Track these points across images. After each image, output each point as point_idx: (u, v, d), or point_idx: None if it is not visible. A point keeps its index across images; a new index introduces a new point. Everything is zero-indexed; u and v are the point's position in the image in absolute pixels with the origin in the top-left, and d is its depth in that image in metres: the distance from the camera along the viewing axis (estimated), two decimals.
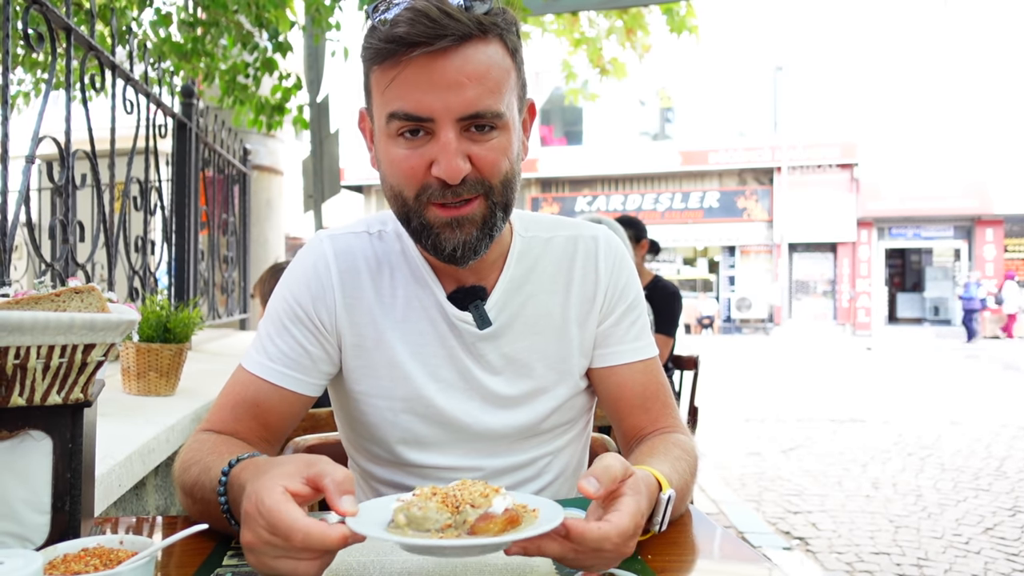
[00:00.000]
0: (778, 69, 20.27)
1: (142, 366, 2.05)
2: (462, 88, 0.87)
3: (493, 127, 0.91)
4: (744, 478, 4.96)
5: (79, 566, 0.67)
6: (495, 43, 0.91)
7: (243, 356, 1.06)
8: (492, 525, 0.66)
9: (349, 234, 1.08)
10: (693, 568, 0.84)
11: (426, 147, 0.90)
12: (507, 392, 1.06)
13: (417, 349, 1.05)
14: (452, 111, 0.88)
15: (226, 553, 0.83)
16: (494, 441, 1.07)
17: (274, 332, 1.05)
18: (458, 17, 0.85)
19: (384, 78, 0.89)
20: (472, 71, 0.87)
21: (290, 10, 4.29)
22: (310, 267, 1.06)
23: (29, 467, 0.77)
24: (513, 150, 0.95)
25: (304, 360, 1.04)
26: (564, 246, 1.11)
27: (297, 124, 4.83)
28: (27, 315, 0.72)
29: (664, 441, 1.02)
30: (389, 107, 0.90)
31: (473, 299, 1.03)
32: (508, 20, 0.92)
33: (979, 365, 12.68)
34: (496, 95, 0.90)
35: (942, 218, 19.87)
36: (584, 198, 21.18)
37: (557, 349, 1.08)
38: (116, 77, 2.29)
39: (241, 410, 1.02)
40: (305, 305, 1.04)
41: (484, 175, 0.92)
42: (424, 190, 0.92)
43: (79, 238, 2.04)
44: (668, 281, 3.79)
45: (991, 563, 3.35)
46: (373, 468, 1.11)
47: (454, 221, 0.92)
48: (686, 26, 5.60)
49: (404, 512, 0.68)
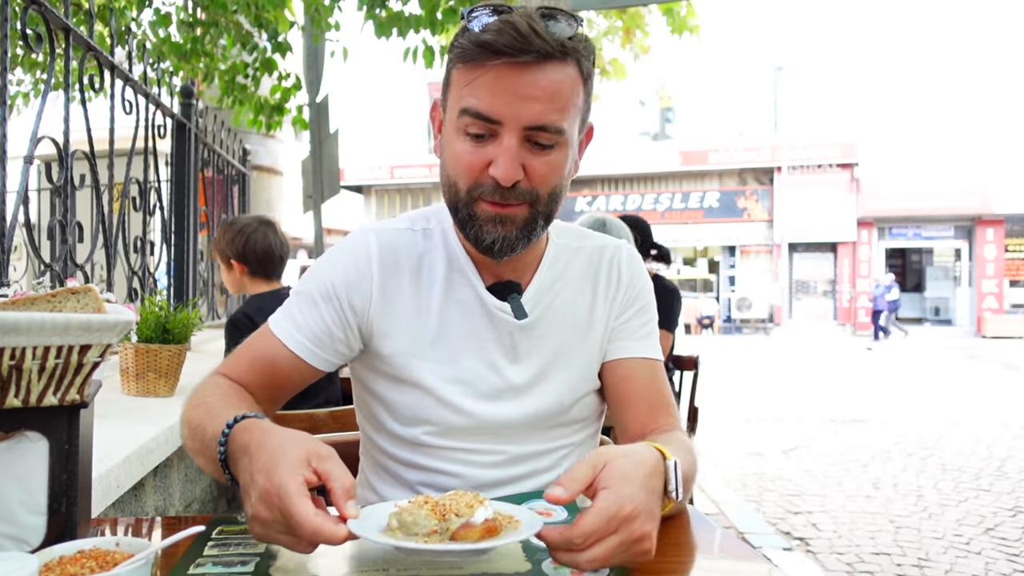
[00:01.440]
0: (778, 69, 20.27)
1: (141, 367, 2.05)
2: (533, 100, 0.94)
3: (553, 144, 0.98)
4: (744, 478, 4.96)
5: (75, 568, 0.67)
6: (572, 66, 0.97)
7: (271, 317, 1.13)
8: (471, 533, 0.74)
9: (393, 229, 1.14)
10: (693, 568, 0.84)
11: (488, 147, 0.97)
12: (534, 383, 1.12)
13: (450, 339, 1.10)
14: (519, 119, 0.94)
15: (206, 544, 0.85)
16: (516, 428, 1.11)
17: (305, 305, 1.11)
18: (543, 36, 0.93)
19: (465, 76, 0.97)
20: (545, 87, 0.94)
21: (289, 10, 4.30)
22: (351, 256, 1.12)
23: (25, 469, 0.77)
24: (566, 167, 1.02)
25: (324, 337, 1.10)
26: (591, 254, 1.19)
27: (297, 124, 4.84)
28: (23, 316, 0.72)
29: (664, 435, 1.07)
30: (463, 103, 0.97)
31: (510, 292, 1.10)
32: (587, 48, 1.00)
33: (980, 365, 12.68)
34: (562, 112, 0.97)
35: (943, 218, 19.86)
36: (584, 198, 21.18)
37: (582, 346, 1.15)
38: (115, 77, 2.29)
39: (258, 365, 1.10)
40: (339, 289, 1.10)
41: (534, 185, 0.99)
42: (477, 186, 0.99)
43: (78, 239, 2.04)
44: (668, 280, 3.80)
45: (992, 563, 3.35)
46: (395, 449, 1.14)
47: (498, 217, 1.00)
48: (687, 26, 5.60)
49: (397, 517, 0.77)
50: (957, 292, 20.58)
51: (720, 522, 3.97)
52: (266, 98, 4.47)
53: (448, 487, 1.10)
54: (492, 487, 1.10)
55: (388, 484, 1.16)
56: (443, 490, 1.10)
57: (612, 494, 0.76)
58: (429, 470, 1.11)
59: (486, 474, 1.10)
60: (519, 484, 1.11)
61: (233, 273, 2.56)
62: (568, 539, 0.74)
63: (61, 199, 1.96)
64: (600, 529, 0.74)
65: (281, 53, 4.26)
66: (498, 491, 1.10)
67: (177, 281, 3.13)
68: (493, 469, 1.11)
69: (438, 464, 1.10)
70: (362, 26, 4.05)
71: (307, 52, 5.00)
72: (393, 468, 1.15)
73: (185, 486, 2.16)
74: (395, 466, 1.14)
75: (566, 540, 0.74)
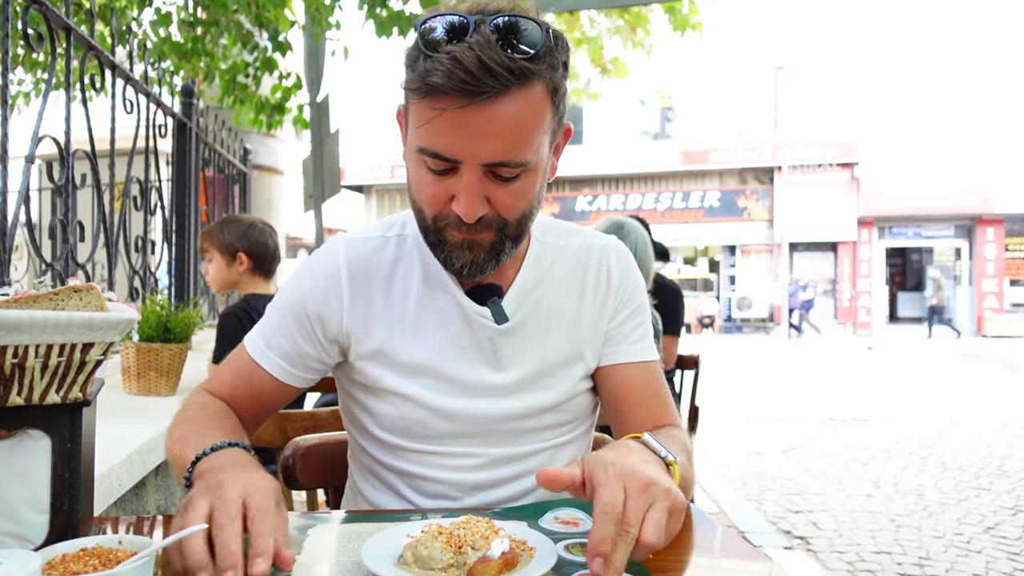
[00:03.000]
0: (778, 68, 20.25)
1: (142, 366, 2.05)
2: (491, 138, 0.88)
3: (517, 174, 0.93)
4: (745, 477, 4.96)
5: (78, 566, 0.67)
6: (536, 86, 0.89)
7: (248, 336, 1.13)
8: (489, 568, 0.73)
9: (364, 239, 1.12)
10: (694, 566, 0.84)
11: (449, 181, 0.93)
12: (518, 387, 1.09)
13: (429, 346, 1.07)
14: (478, 157, 0.90)
15: None
16: (499, 430, 1.10)
17: (277, 323, 1.11)
18: (497, 71, 0.84)
19: (419, 114, 0.91)
20: (504, 123, 0.88)
21: (290, 9, 4.29)
22: (319, 270, 1.10)
23: (28, 467, 0.77)
24: (535, 189, 0.98)
25: (296, 356, 1.10)
26: (578, 252, 1.15)
27: (297, 124, 4.83)
28: (25, 314, 0.72)
29: (660, 431, 1.07)
30: (420, 141, 0.92)
31: (490, 295, 1.07)
32: (554, 58, 0.91)
33: (980, 364, 12.68)
34: (524, 145, 0.91)
35: (943, 217, 19.85)
36: (584, 197, 21.17)
37: (568, 348, 1.11)
38: (116, 77, 2.29)
39: (238, 382, 1.11)
40: (308, 307, 1.09)
41: (501, 213, 0.95)
42: (443, 217, 0.96)
43: (79, 238, 2.04)
44: (670, 280, 3.80)
45: (992, 562, 3.35)
46: (379, 454, 1.13)
47: (466, 243, 0.97)
48: (689, 24, 5.58)
49: (412, 550, 0.75)
50: (957, 291, 20.57)
51: (721, 521, 3.96)
52: (267, 97, 4.47)
53: (433, 492, 1.09)
54: (477, 490, 1.09)
55: (376, 489, 1.15)
56: (429, 495, 1.10)
57: (599, 463, 0.78)
58: (414, 476, 1.10)
59: (471, 477, 1.09)
60: (505, 487, 1.10)
61: (233, 268, 2.54)
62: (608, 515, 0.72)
63: (62, 198, 1.96)
64: (612, 482, 0.75)
65: (282, 52, 4.26)
66: (484, 494, 1.09)
67: (178, 280, 3.13)
68: (477, 472, 1.09)
69: (422, 470, 1.09)
70: (362, 25, 4.05)
71: (308, 51, 5.00)
72: (379, 472, 1.14)
73: None
74: (381, 470, 1.13)
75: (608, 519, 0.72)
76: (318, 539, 0.86)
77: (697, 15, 5.63)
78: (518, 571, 0.73)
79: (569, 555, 0.80)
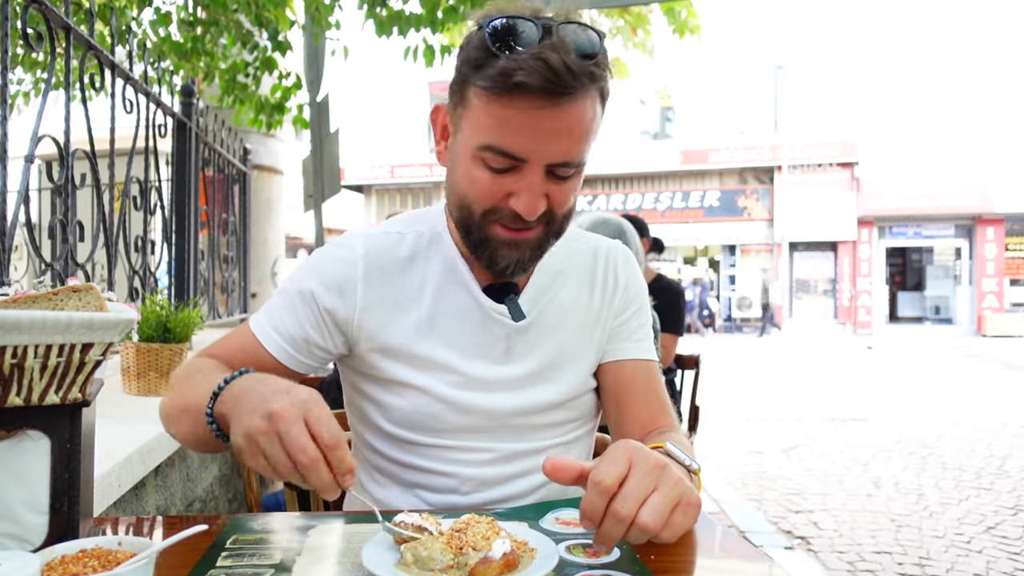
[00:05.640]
0: (778, 68, 20.25)
1: (142, 366, 2.05)
2: (559, 138, 0.92)
3: (573, 173, 0.97)
4: (745, 477, 4.96)
5: (77, 567, 0.66)
6: (595, 93, 0.94)
7: (253, 316, 1.12)
8: (490, 569, 0.72)
9: (383, 233, 1.13)
10: (694, 567, 0.84)
11: (508, 178, 0.95)
12: (530, 381, 1.11)
13: (444, 341, 1.09)
14: (546, 157, 0.93)
15: (220, 555, 0.82)
16: (510, 424, 1.11)
17: (285, 306, 1.11)
18: (578, 74, 0.88)
19: (491, 110, 0.91)
20: (572, 123, 0.91)
21: (290, 9, 4.29)
22: (336, 261, 1.11)
23: (27, 467, 0.77)
24: (579, 188, 1.02)
25: (301, 341, 1.10)
26: (587, 254, 1.20)
27: (297, 123, 4.83)
28: (24, 314, 0.71)
29: (663, 436, 1.07)
30: (488, 138, 0.93)
31: (508, 293, 1.09)
32: (607, 66, 0.95)
33: (980, 364, 12.67)
34: (584, 146, 0.95)
35: (943, 217, 19.85)
36: (584, 197, 21.17)
37: (578, 345, 1.15)
38: (116, 76, 2.28)
39: (240, 357, 1.09)
40: (319, 294, 1.09)
41: (552, 208, 0.98)
42: (495, 211, 0.97)
43: (79, 238, 2.03)
44: (671, 279, 3.80)
45: (993, 562, 3.35)
46: (389, 450, 1.13)
47: (513, 241, 0.99)
48: (688, 27, 5.58)
49: (412, 551, 0.75)
50: (957, 291, 20.57)
51: (721, 521, 3.96)
52: (266, 97, 4.46)
53: (443, 487, 1.10)
54: (486, 486, 1.10)
55: (382, 486, 1.15)
56: (438, 490, 1.10)
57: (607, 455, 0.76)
58: (423, 471, 1.10)
59: (480, 472, 1.10)
60: (513, 483, 1.11)
61: None
62: (597, 487, 0.72)
63: (62, 198, 1.95)
64: (615, 455, 0.74)
65: (281, 52, 4.25)
66: (493, 490, 1.10)
67: (178, 280, 3.12)
68: (487, 467, 1.10)
69: (432, 464, 1.10)
70: (362, 25, 4.04)
71: (307, 51, 4.99)
72: (388, 468, 1.14)
73: (186, 486, 2.15)
74: (390, 466, 1.14)
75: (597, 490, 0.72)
76: (319, 539, 0.86)
77: (695, 19, 5.63)
78: (519, 572, 0.73)
79: (570, 556, 0.80)
